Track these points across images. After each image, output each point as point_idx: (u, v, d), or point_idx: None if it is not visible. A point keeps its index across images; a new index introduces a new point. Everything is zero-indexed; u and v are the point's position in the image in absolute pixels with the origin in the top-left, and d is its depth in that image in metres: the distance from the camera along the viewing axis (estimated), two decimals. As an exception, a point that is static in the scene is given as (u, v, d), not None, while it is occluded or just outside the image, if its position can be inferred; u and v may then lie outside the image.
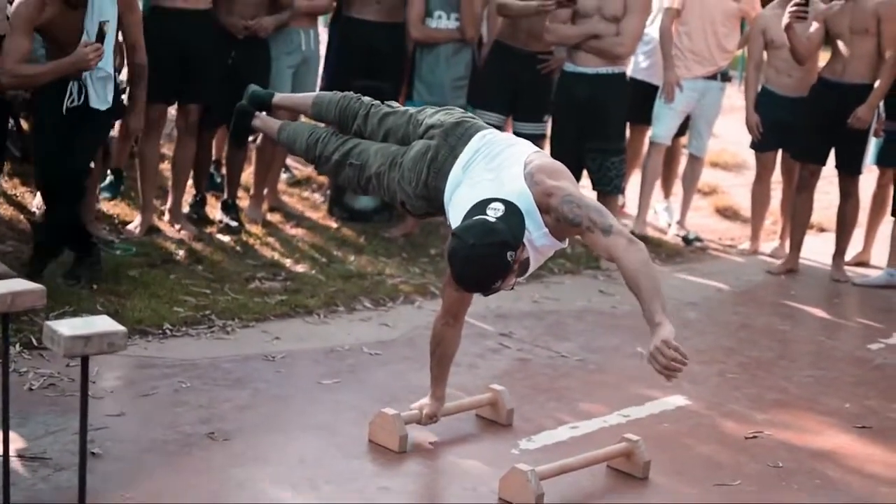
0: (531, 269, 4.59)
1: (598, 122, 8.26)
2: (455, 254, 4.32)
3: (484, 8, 8.45)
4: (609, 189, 8.40)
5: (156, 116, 7.56)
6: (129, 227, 7.62)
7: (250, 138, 8.41)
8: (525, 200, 4.45)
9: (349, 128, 5.23)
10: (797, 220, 8.84)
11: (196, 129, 7.76)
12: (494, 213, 4.36)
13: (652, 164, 9.28)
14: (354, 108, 5.25)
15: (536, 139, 8.85)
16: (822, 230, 10.06)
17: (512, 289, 4.51)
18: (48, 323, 3.12)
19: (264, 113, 5.67)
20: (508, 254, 4.30)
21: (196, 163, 8.11)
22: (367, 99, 5.31)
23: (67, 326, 3.10)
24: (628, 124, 9.07)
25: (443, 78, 8.34)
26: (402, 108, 5.21)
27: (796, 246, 8.86)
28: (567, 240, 4.63)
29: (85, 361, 3.13)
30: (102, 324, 3.15)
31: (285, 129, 5.52)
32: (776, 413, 5.88)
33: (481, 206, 4.40)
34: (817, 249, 9.23)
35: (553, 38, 8.39)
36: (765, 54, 8.96)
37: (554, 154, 8.53)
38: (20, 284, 3.44)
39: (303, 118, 6.29)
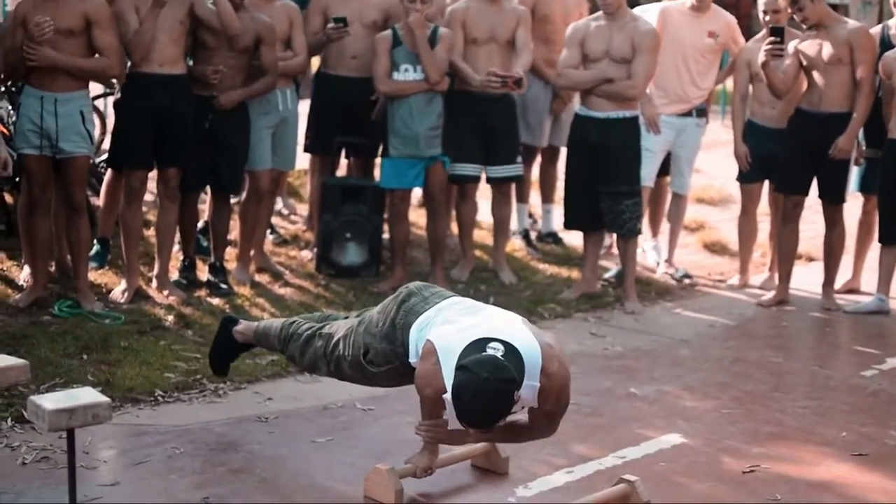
0: (515, 409, 4.67)
1: (610, 166, 8.31)
2: (466, 387, 4.34)
3: (448, 56, 8.43)
4: (624, 232, 8.44)
5: (136, 184, 7.58)
6: (115, 292, 7.61)
7: (233, 200, 8.46)
8: (535, 365, 4.58)
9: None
10: (784, 252, 8.84)
11: (177, 194, 7.77)
12: (495, 351, 4.43)
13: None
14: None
15: (512, 180, 8.94)
16: (810, 259, 10.04)
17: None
18: (32, 398, 3.13)
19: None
20: (515, 393, 4.37)
21: (182, 227, 8.13)
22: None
23: (51, 400, 3.10)
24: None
25: (417, 129, 8.36)
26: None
27: (785, 277, 8.86)
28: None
29: (71, 434, 3.12)
30: (86, 395, 3.15)
31: (262, 323, 5.89)
32: (773, 446, 5.86)
33: (480, 343, 4.47)
34: (806, 279, 9.22)
35: (565, 82, 8.50)
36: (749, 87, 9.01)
37: (568, 198, 8.62)
38: (3, 360, 3.43)
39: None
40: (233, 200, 8.74)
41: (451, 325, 4.76)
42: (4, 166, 6.80)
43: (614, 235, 9.21)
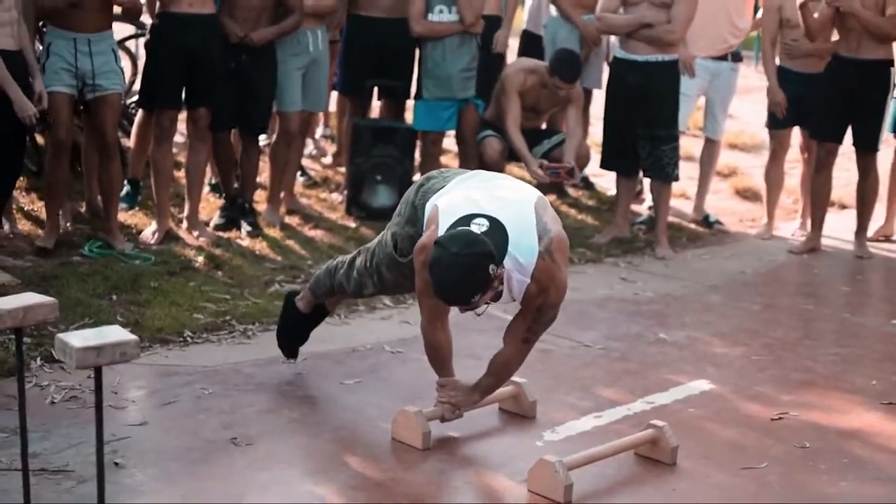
0: (503, 300, 4.61)
1: (649, 109, 8.29)
2: (437, 262, 4.32)
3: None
4: (661, 176, 8.41)
5: (167, 123, 7.57)
6: (145, 233, 7.62)
7: (262, 140, 8.43)
8: (529, 254, 4.52)
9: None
10: (817, 200, 8.79)
11: (207, 134, 7.75)
12: (479, 227, 4.38)
13: None
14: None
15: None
16: (843, 207, 10.00)
17: (480, 315, 4.59)
18: (59, 336, 3.12)
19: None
20: (491, 266, 4.30)
21: (220, 166, 8.16)
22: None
23: (79, 338, 3.10)
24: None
25: (450, 71, 8.36)
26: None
27: (818, 225, 8.81)
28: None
29: (98, 372, 3.13)
30: (114, 333, 3.15)
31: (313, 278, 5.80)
32: (802, 393, 5.84)
33: (465, 220, 4.42)
34: (839, 227, 9.17)
35: (603, 26, 8.44)
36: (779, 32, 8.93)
37: (606, 140, 8.60)
38: (32, 298, 3.44)
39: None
40: (263, 142, 8.73)
41: (459, 194, 4.72)
42: (40, 99, 6.78)
43: (645, 181, 9.18)
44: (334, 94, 9.66)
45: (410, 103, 9.00)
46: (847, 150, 8.81)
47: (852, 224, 8.90)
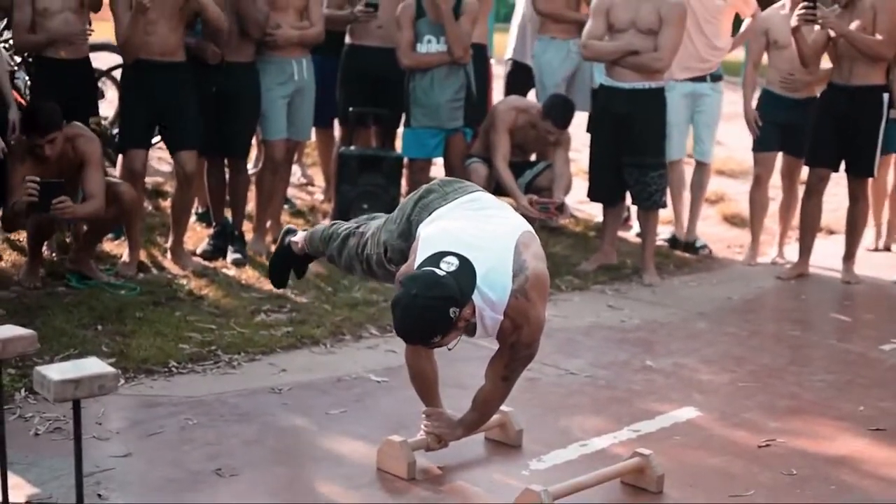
0: (478, 335, 4.58)
1: (635, 137, 8.27)
2: (397, 302, 4.31)
3: (473, 28, 8.45)
4: (648, 204, 8.41)
5: (136, 166, 7.60)
6: (122, 261, 7.63)
7: (250, 168, 8.43)
8: (501, 291, 4.48)
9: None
10: (806, 226, 8.79)
11: (194, 177, 7.79)
12: (447, 266, 4.34)
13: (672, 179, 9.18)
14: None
15: None
16: (830, 233, 10.00)
17: (450, 349, 4.53)
18: (38, 368, 3.11)
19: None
20: (451, 310, 4.27)
21: (210, 192, 8.29)
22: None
23: (57, 371, 3.08)
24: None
25: (438, 100, 8.39)
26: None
27: (806, 251, 8.81)
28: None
29: (77, 405, 3.10)
30: (92, 366, 3.13)
31: (311, 229, 5.79)
32: (789, 420, 5.83)
33: (435, 258, 4.38)
34: (826, 252, 9.17)
35: (589, 53, 8.41)
36: (765, 56, 8.94)
37: (593, 171, 8.60)
38: (11, 331, 3.42)
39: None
40: (250, 171, 8.72)
41: (444, 225, 4.68)
42: (13, 129, 6.78)
43: (632, 208, 9.18)
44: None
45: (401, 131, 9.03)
46: (835, 175, 8.81)
47: (840, 250, 8.90)
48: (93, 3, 7.63)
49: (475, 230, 4.60)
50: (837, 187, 9.42)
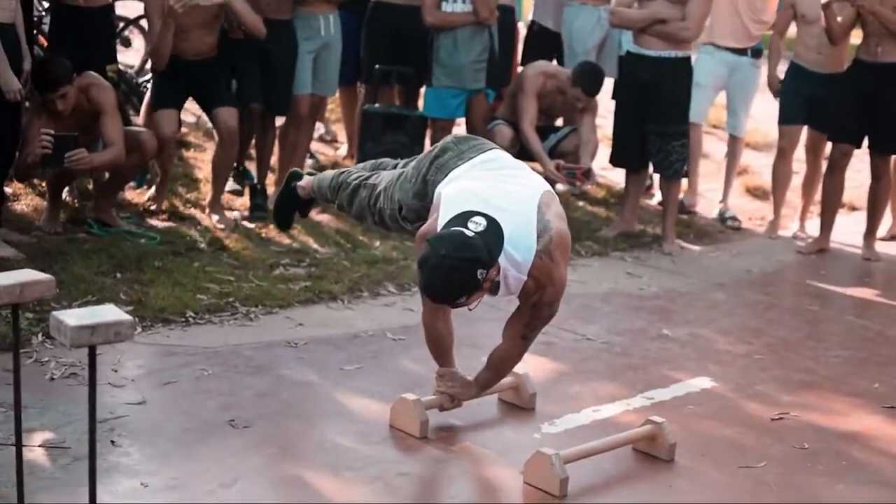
0: (500, 294, 4.58)
1: (659, 106, 8.27)
2: (425, 262, 4.29)
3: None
4: (670, 173, 8.40)
5: (167, 131, 7.59)
6: (149, 195, 7.75)
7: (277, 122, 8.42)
8: (526, 252, 4.47)
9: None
10: (829, 201, 8.76)
11: (233, 136, 7.76)
12: (475, 226, 4.33)
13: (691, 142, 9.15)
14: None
15: None
16: (853, 209, 9.96)
17: (471, 310, 4.53)
18: (54, 314, 3.10)
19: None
20: (479, 271, 4.26)
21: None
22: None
23: (74, 317, 3.07)
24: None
25: (461, 61, 8.36)
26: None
27: (828, 226, 8.78)
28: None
29: (92, 351, 3.11)
30: (109, 313, 3.12)
31: (318, 175, 5.75)
32: (803, 394, 5.82)
33: (463, 217, 4.36)
34: (848, 228, 9.13)
35: (617, 20, 8.40)
36: (793, 27, 8.90)
37: (616, 136, 8.58)
38: (29, 275, 3.42)
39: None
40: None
41: (465, 185, 4.66)
42: (27, 80, 6.78)
43: (655, 177, 9.15)
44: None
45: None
46: (859, 151, 8.77)
47: (861, 226, 8.86)
48: None
49: (496, 191, 4.59)
50: (861, 164, 9.37)
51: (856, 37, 8.64)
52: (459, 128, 9.56)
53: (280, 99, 8.07)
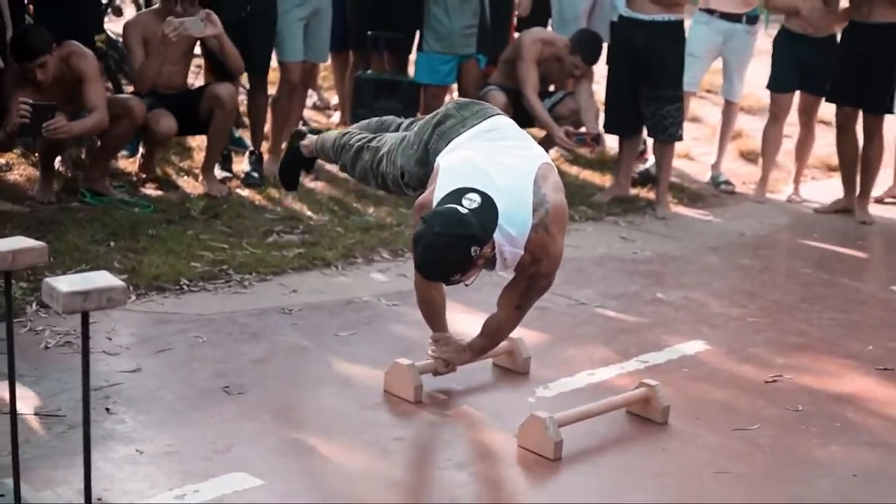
0: (497, 269, 4.57)
1: (653, 69, 8.27)
2: (419, 239, 4.28)
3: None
4: (664, 137, 8.40)
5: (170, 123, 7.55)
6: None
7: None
8: (521, 227, 4.46)
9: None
10: (845, 160, 8.84)
11: (232, 103, 7.74)
12: (469, 203, 4.31)
13: None
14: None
15: None
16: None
17: (467, 286, 4.51)
18: (47, 280, 3.10)
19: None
20: (473, 249, 4.25)
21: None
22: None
23: (66, 283, 3.08)
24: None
25: (452, 27, 8.33)
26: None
27: (849, 185, 8.84)
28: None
29: (85, 317, 3.11)
30: (102, 279, 3.13)
31: (322, 134, 5.70)
32: (797, 357, 5.83)
33: (457, 194, 4.35)
34: (840, 191, 9.12)
35: None
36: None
37: (609, 102, 8.56)
38: (21, 242, 3.42)
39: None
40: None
41: (464, 155, 4.65)
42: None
43: (649, 141, 9.15)
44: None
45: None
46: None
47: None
48: None
49: (494, 163, 4.58)
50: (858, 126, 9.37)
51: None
52: (453, 94, 9.55)
53: (258, 60, 8.03)
